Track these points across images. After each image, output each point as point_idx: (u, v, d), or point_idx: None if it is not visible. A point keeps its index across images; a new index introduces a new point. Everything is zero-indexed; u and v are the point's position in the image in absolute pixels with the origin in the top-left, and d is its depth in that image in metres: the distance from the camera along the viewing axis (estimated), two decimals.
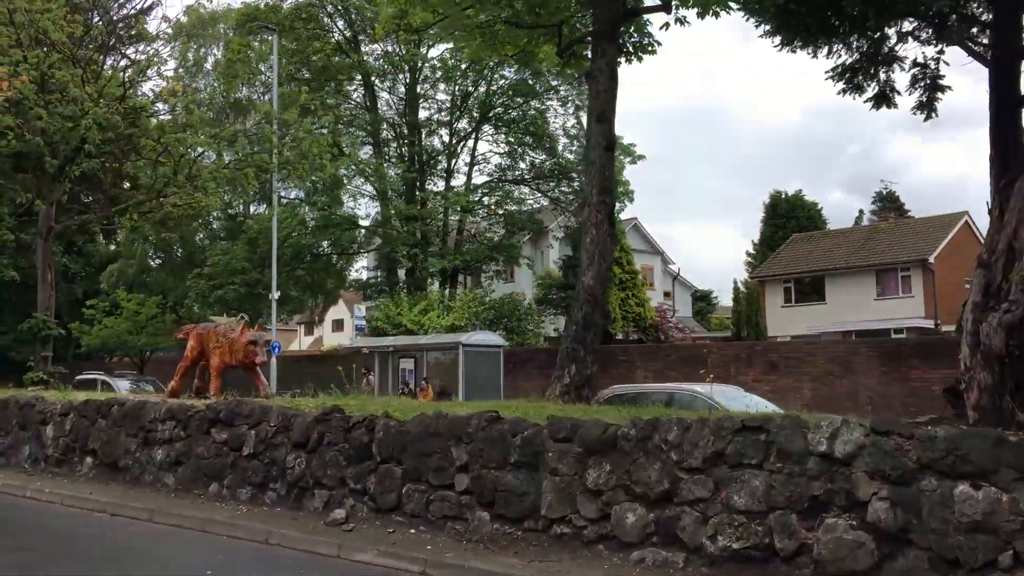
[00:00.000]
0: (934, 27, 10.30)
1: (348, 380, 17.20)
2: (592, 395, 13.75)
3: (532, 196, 43.18)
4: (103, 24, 21.54)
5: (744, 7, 12.71)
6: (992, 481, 6.42)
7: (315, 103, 27.78)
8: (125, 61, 22.75)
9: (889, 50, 10.31)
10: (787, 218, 54.81)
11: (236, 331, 14.83)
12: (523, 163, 42.12)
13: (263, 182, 28.22)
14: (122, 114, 19.09)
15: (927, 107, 11.72)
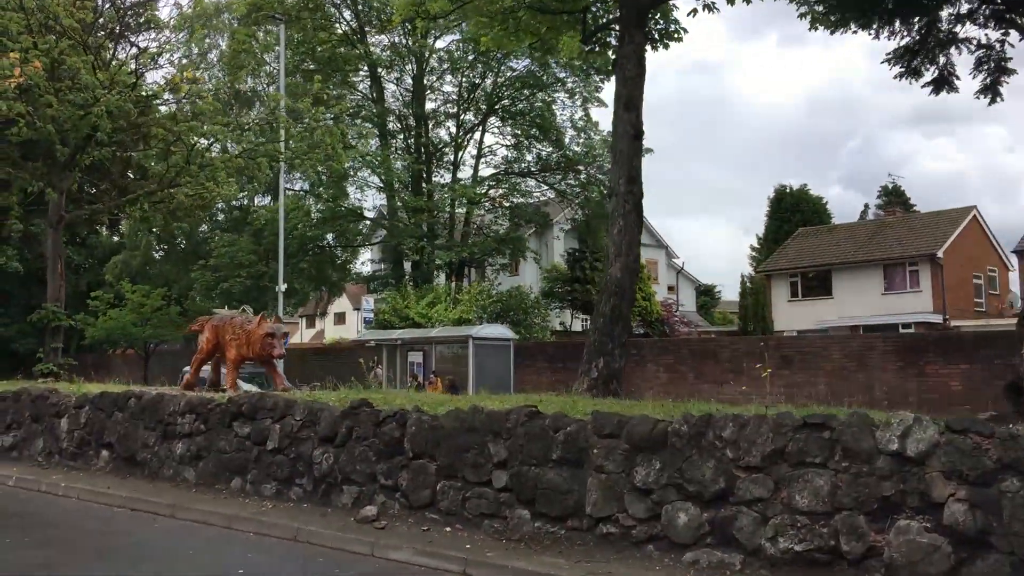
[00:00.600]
0: (1008, 4, 9.92)
1: (354, 374, 16.84)
2: (621, 389, 13.46)
3: (538, 189, 42.85)
4: (113, 10, 21.16)
5: None
6: None
7: (328, 92, 27.40)
8: (134, 50, 22.39)
9: (948, 32, 9.98)
10: (792, 212, 54.38)
11: (253, 323, 14.45)
12: (529, 155, 41.85)
13: (276, 172, 27.89)
14: (134, 102, 18.75)
15: (991, 90, 11.37)
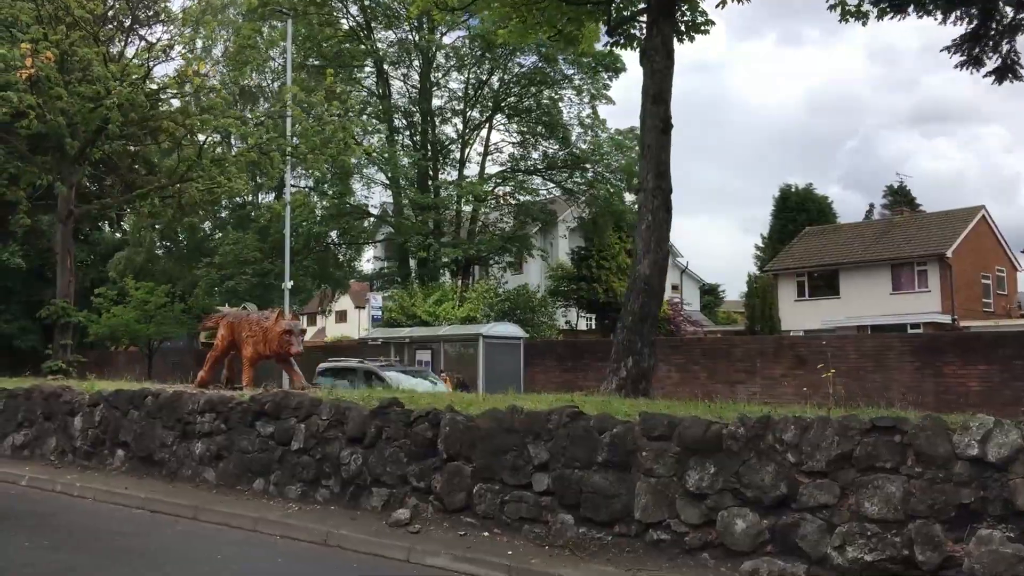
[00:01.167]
0: None
1: None
2: (650, 389, 13.13)
3: (544, 187, 42.48)
4: (124, 2, 20.79)
5: None
6: None
7: (340, 86, 27.00)
8: (143, 43, 22.03)
9: (1013, 19, 9.63)
10: (797, 211, 54.12)
11: (270, 320, 14.14)
12: (536, 153, 41.51)
13: (289, 166, 27.51)
14: (145, 94, 18.40)
15: None
